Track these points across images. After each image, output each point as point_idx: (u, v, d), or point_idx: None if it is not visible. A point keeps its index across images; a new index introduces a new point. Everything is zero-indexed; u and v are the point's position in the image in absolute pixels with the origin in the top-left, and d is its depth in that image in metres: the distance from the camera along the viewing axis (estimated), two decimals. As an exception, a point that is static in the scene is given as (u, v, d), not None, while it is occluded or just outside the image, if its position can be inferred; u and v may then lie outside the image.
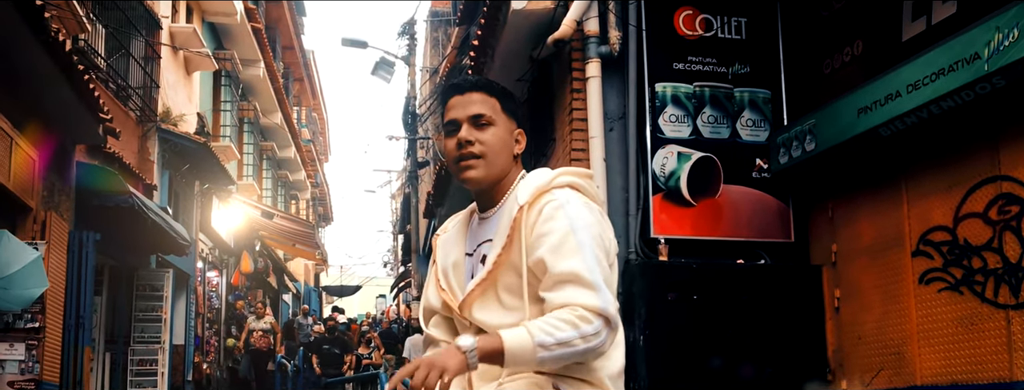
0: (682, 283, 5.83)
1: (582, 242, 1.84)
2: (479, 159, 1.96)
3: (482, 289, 1.95)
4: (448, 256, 2.10)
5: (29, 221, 8.16)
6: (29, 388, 8.31)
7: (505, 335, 1.78)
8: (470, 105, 1.97)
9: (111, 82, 11.28)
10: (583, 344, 1.77)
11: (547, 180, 1.95)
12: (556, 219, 1.87)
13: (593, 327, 1.77)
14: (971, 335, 4.77)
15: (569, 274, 1.81)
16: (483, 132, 1.96)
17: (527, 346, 1.76)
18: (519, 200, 1.93)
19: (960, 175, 4.89)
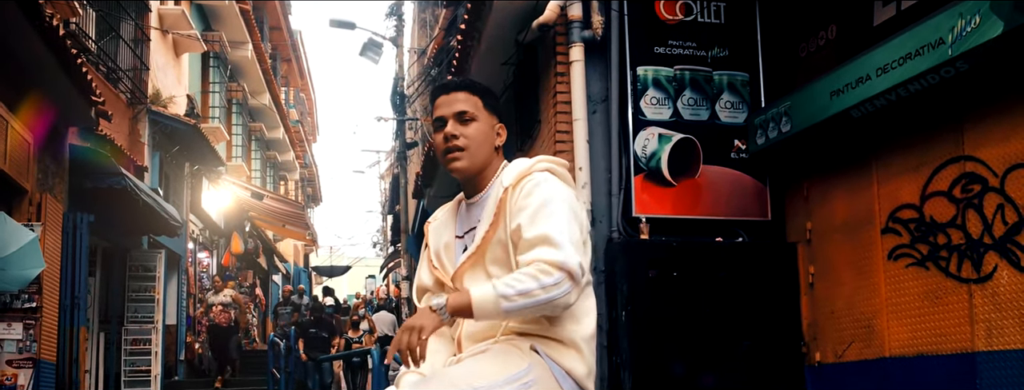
0: (663, 260, 6.04)
1: (554, 211, 2.07)
2: (463, 151, 2.20)
3: (471, 262, 2.17)
4: (440, 239, 2.33)
5: (25, 203, 8.31)
6: (27, 366, 8.49)
7: (472, 290, 2.01)
8: (455, 103, 2.22)
9: (102, 65, 11.39)
10: (544, 294, 1.97)
11: (528, 165, 2.20)
12: (533, 194, 2.10)
13: (553, 278, 1.98)
14: (936, 308, 5.00)
15: (539, 237, 2.03)
16: (467, 127, 2.21)
17: (489, 297, 1.98)
18: (503, 183, 2.17)
19: (927, 155, 5.10)
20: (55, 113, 8.85)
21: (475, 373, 2.02)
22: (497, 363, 2.06)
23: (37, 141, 8.43)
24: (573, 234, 2.06)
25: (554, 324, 2.11)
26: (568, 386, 2.11)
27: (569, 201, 2.13)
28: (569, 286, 1.99)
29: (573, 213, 2.11)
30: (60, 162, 9.40)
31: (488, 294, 1.99)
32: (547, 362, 2.11)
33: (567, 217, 2.07)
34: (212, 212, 17.76)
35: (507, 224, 2.11)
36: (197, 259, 17.57)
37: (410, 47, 21.53)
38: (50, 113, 8.74)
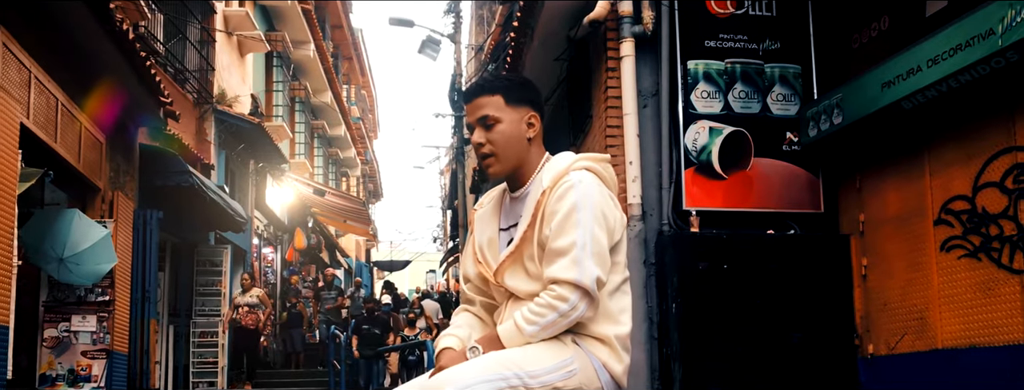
0: (713, 253, 6.09)
1: (581, 220, 2.14)
2: (492, 157, 2.27)
3: (511, 261, 2.27)
4: (483, 232, 2.40)
5: (98, 200, 8.66)
6: (101, 357, 8.85)
7: (499, 329, 2.20)
8: (477, 110, 2.28)
9: (169, 66, 11.77)
10: (563, 319, 2.14)
11: (566, 165, 2.24)
12: (566, 198, 2.16)
13: (568, 304, 2.12)
14: (988, 300, 4.97)
15: (561, 249, 2.13)
16: (491, 132, 2.26)
17: (515, 334, 2.17)
18: (543, 184, 2.23)
19: (978, 146, 5.08)
20: (126, 113, 9.20)
21: (527, 358, 2.14)
22: (545, 351, 2.18)
23: (109, 141, 8.78)
24: (596, 243, 2.14)
25: (592, 322, 2.21)
26: (605, 378, 2.22)
27: (599, 204, 2.18)
28: (585, 306, 2.13)
29: (601, 217, 2.17)
30: (131, 161, 9.75)
31: (514, 332, 2.17)
32: (587, 355, 2.22)
33: (592, 225, 2.14)
34: (276, 208, 18.19)
35: (542, 226, 2.20)
36: (262, 254, 18.02)
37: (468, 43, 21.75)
38: (121, 113, 9.09)
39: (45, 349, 8.73)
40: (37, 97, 6.92)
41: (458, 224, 20.70)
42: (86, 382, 8.76)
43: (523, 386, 2.09)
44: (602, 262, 2.16)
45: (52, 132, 7.24)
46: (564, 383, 2.14)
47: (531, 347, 2.18)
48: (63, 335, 8.76)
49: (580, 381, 2.17)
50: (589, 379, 2.18)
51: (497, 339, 2.18)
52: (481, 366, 2.11)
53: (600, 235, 2.16)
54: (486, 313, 2.41)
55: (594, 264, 2.13)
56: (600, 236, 2.16)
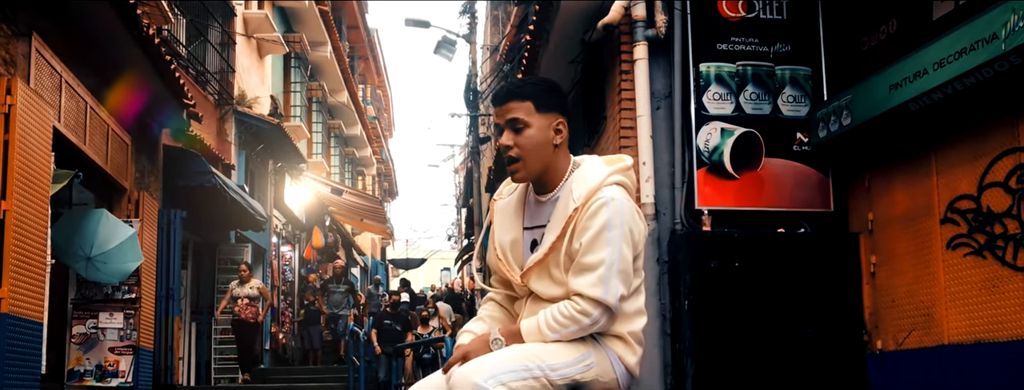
0: (724, 251, 6.24)
1: (611, 239, 2.26)
2: (519, 161, 2.35)
3: (538, 268, 2.38)
4: (506, 230, 2.49)
5: (124, 201, 8.89)
6: (127, 353, 9.08)
7: (522, 326, 2.34)
8: (507, 112, 2.37)
9: (191, 68, 12.00)
10: (584, 332, 2.31)
11: (599, 181, 2.31)
12: (598, 216, 2.27)
13: (591, 319, 2.27)
14: (993, 297, 5.11)
15: (590, 265, 2.27)
16: (520, 136, 2.34)
17: (536, 335, 2.32)
18: (575, 200, 2.30)
19: (983, 147, 5.21)
20: (150, 115, 9.42)
21: (549, 352, 2.30)
22: (566, 347, 2.34)
23: (134, 142, 9.00)
24: (623, 261, 2.28)
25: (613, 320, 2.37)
26: (619, 370, 2.39)
27: (627, 222, 2.29)
28: (605, 320, 2.29)
29: (628, 234, 2.29)
30: (155, 162, 9.98)
31: (535, 333, 2.32)
32: (604, 349, 2.38)
33: (620, 243, 2.27)
34: (294, 207, 18.42)
35: (572, 239, 2.30)
36: (280, 252, 18.26)
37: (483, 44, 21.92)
38: (146, 116, 9.32)
39: (74, 345, 8.97)
40: (67, 101, 7.14)
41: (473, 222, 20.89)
42: (113, 377, 8.99)
43: (545, 377, 2.26)
44: (626, 280, 2.30)
45: (81, 135, 7.46)
46: (582, 375, 2.31)
47: (552, 343, 2.34)
48: (91, 332, 8.99)
49: (597, 374, 2.33)
50: (605, 371, 2.35)
51: (519, 333, 2.33)
52: (506, 358, 2.27)
53: (627, 253, 2.29)
54: (510, 304, 2.57)
55: (619, 282, 2.27)
56: (627, 254, 2.29)
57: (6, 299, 5.77)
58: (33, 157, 6.13)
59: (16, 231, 5.87)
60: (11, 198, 5.79)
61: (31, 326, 6.22)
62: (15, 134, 5.80)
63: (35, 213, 6.23)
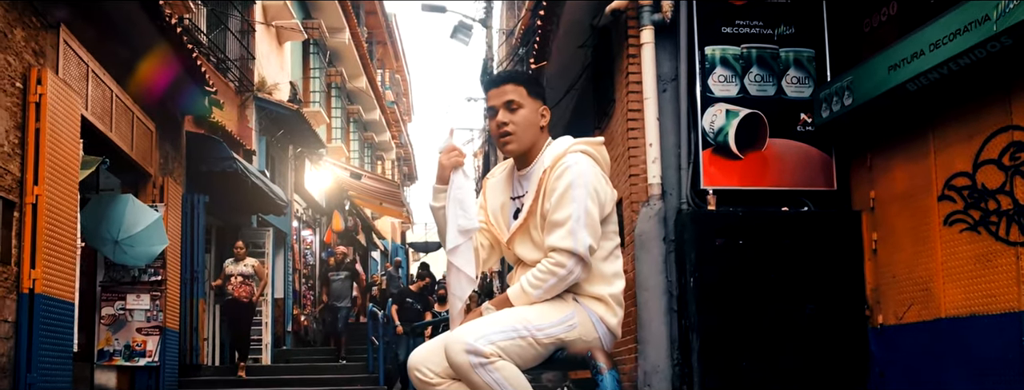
0: (729, 230, 6.42)
1: (575, 196, 2.54)
2: (512, 135, 2.67)
3: (520, 232, 2.70)
4: (496, 198, 2.82)
5: (149, 186, 9.17)
6: (155, 334, 9.39)
7: (509, 292, 2.61)
8: (503, 94, 2.68)
9: (212, 56, 12.25)
10: (562, 282, 2.55)
11: (564, 148, 2.65)
12: (563, 177, 2.57)
13: (565, 269, 2.52)
14: (987, 271, 5.27)
15: (558, 221, 2.55)
16: (514, 114, 2.67)
17: (521, 296, 2.58)
18: (544, 165, 2.63)
19: (978, 125, 5.36)
20: (174, 103, 9.69)
21: (534, 314, 2.55)
22: (550, 309, 2.59)
23: (158, 129, 9.27)
24: (589, 216, 2.54)
25: (590, 283, 2.62)
26: (602, 330, 2.63)
27: (591, 182, 2.58)
28: (579, 269, 2.54)
29: (594, 193, 2.57)
30: (178, 148, 10.26)
31: (520, 295, 2.59)
32: (586, 311, 2.61)
33: (585, 200, 2.54)
34: (314, 192, 18.71)
35: (544, 200, 2.61)
36: (301, 236, 18.57)
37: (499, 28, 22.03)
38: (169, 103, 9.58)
39: (103, 326, 9.30)
40: (94, 89, 7.40)
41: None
42: (141, 357, 9.31)
43: (531, 336, 2.50)
44: (594, 232, 2.55)
45: (108, 122, 7.72)
46: (566, 334, 2.55)
47: (538, 305, 2.58)
48: (119, 313, 9.31)
49: (579, 333, 2.57)
50: (587, 331, 2.58)
51: (507, 299, 2.60)
52: (495, 320, 2.52)
53: (592, 209, 2.55)
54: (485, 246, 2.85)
55: (587, 234, 2.52)
56: (592, 209, 2.55)
57: (40, 280, 6.05)
58: (63, 144, 6.39)
59: (48, 216, 6.13)
60: (43, 184, 6.05)
61: (63, 306, 6.51)
62: (45, 122, 6.05)
63: (65, 198, 6.50)
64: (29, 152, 6.02)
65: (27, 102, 6.01)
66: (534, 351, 2.51)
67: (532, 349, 2.50)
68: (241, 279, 11.54)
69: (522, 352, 2.48)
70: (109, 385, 9.14)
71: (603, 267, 2.61)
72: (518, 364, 2.47)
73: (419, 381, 2.62)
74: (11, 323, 5.88)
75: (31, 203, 6.01)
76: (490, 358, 2.40)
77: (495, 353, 2.42)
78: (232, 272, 11.56)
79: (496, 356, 2.41)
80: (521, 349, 2.47)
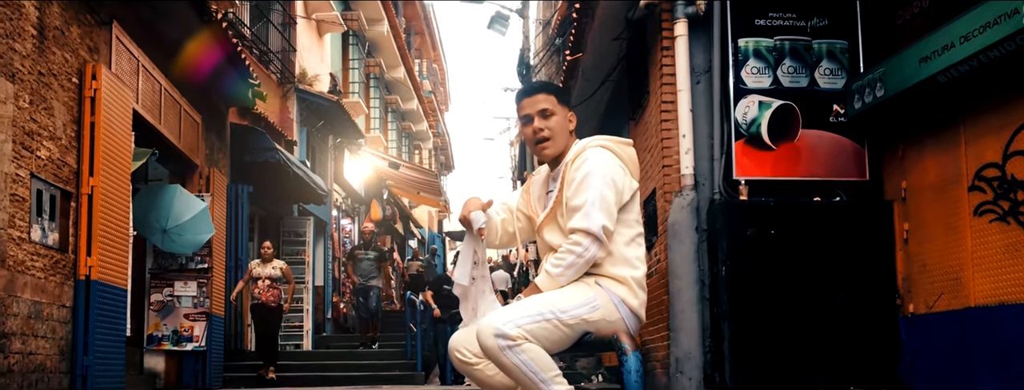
0: (761, 219, 6.53)
1: (591, 184, 2.77)
2: (549, 140, 2.92)
3: (548, 220, 2.93)
4: (536, 191, 3.08)
5: (196, 176, 9.45)
6: (201, 320, 9.69)
7: (537, 281, 2.82)
8: (537, 103, 2.93)
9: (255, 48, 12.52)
10: (581, 260, 2.76)
11: (585, 144, 2.90)
12: (581, 168, 2.81)
13: (582, 247, 2.74)
14: (1016, 260, 5.34)
15: (576, 206, 2.77)
16: (548, 120, 2.91)
17: (547, 280, 2.79)
18: (567, 160, 2.89)
19: (1008, 117, 5.42)
20: (218, 96, 9.96)
21: (559, 298, 2.74)
22: (574, 292, 2.78)
23: (204, 121, 9.55)
24: (604, 201, 2.75)
25: (612, 266, 2.81)
26: (624, 311, 2.81)
27: (608, 172, 2.80)
28: (595, 248, 2.75)
29: (610, 181, 2.79)
30: (223, 139, 10.54)
31: (546, 279, 2.81)
32: (608, 293, 2.79)
33: (601, 186, 2.77)
34: (353, 181, 19.01)
35: (566, 189, 2.85)
36: (340, 225, 18.89)
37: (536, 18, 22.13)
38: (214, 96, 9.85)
39: (152, 312, 9.62)
40: (144, 83, 7.67)
41: (528, 195, 21.21)
42: (189, 342, 9.62)
43: (556, 319, 2.70)
44: (609, 215, 2.76)
45: (157, 115, 8.00)
46: (589, 315, 2.74)
47: (563, 290, 2.79)
48: (167, 299, 9.62)
49: (602, 314, 2.76)
50: (610, 312, 2.77)
51: (535, 286, 2.82)
52: (522, 306, 2.72)
53: (608, 194, 2.76)
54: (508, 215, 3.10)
55: (602, 216, 2.74)
56: (608, 195, 2.76)
57: (95, 267, 6.33)
58: (116, 137, 6.66)
59: (102, 205, 6.41)
60: (98, 175, 6.32)
61: (117, 292, 6.79)
62: (100, 116, 6.32)
63: (119, 189, 6.77)
64: (85, 145, 6.29)
65: (82, 97, 6.28)
66: (560, 333, 2.69)
67: (558, 331, 2.69)
68: (269, 282, 11.03)
69: (549, 334, 2.67)
70: (158, 369, 9.46)
71: (625, 251, 2.81)
72: (547, 347, 2.65)
73: (459, 361, 2.82)
74: (69, 308, 6.16)
75: (87, 194, 6.28)
76: (517, 341, 2.59)
77: (521, 336, 2.60)
78: (260, 274, 11.03)
79: (523, 339, 2.60)
80: (548, 332, 2.66)
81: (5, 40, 5.29)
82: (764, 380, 6.30)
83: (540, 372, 2.59)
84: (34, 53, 5.66)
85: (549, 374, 2.61)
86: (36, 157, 5.68)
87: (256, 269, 11.05)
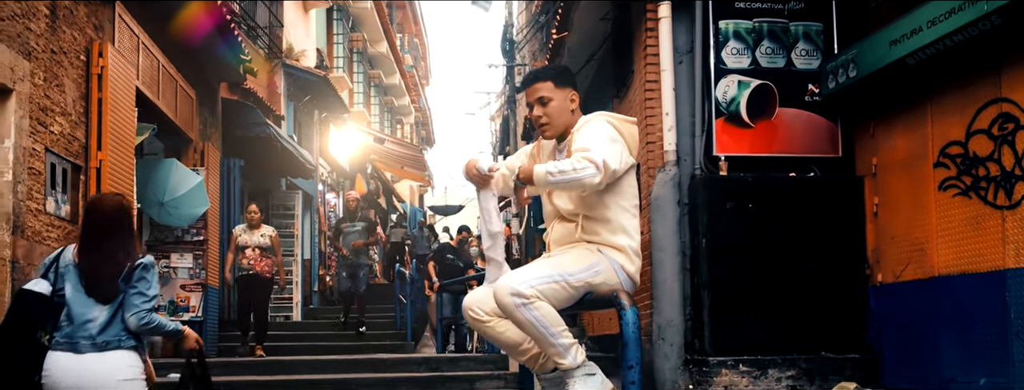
0: (740, 194, 6.88)
1: (596, 134, 3.08)
2: (548, 124, 3.25)
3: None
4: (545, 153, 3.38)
5: (191, 151, 9.68)
6: (197, 290, 9.95)
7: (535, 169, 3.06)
8: (535, 92, 3.25)
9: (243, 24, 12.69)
10: (575, 174, 2.97)
11: (590, 118, 3.21)
12: (584, 129, 3.14)
13: (582, 166, 2.96)
14: (975, 232, 5.72)
15: (581, 147, 3.04)
16: (546, 107, 3.23)
17: (541, 172, 3.02)
18: (574, 130, 3.19)
19: (971, 97, 5.78)
20: (210, 71, 10.16)
21: (566, 263, 3.07)
22: (578, 257, 3.10)
23: (198, 97, 9.76)
24: (604, 144, 3.03)
25: (612, 235, 3.12)
26: (622, 275, 3.14)
27: (607, 131, 3.11)
28: (594, 171, 2.97)
29: (610, 137, 3.08)
30: (215, 114, 10.75)
31: (540, 170, 3.04)
32: (609, 259, 3.11)
33: (601, 136, 3.06)
34: (338, 156, 19.23)
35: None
36: (326, 199, 19.12)
37: (518, -6, 22.32)
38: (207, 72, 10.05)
39: (149, 282, 9.83)
40: (144, 60, 7.88)
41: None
42: (185, 312, 9.89)
43: (564, 281, 3.02)
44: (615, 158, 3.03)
45: (156, 91, 8.22)
46: (592, 278, 3.07)
47: (568, 256, 3.10)
48: (164, 271, 9.86)
49: (604, 278, 3.09)
50: (610, 276, 3.10)
51: (531, 173, 3.05)
52: (535, 268, 3.04)
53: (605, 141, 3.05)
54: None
55: (610, 153, 3.01)
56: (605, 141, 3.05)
57: (104, 238, 6.57)
58: (121, 113, 6.90)
59: (110, 178, 6.66)
60: (105, 149, 6.57)
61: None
62: (107, 92, 6.55)
63: (123, 163, 7.02)
64: (93, 120, 6.53)
65: (90, 74, 6.50)
66: (566, 293, 3.03)
67: (565, 292, 3.02)
68: (258, 251, 9.83)
69: (556, 294, 3.00)
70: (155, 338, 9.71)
71: (624, 221, 3.13)
72: (555, 305, 2.99)
73: (472, 319, 3.15)
74: (79, 277, 6.42)
75: (95, 167, 6.53)
76: (530, 299, 2.92)
77: (535, 295, 2.93)
78: (247, 243, 9.83)
79: (535, 297, 2.93)
80: (555, 292, 2.99)
81: (22, 20, 5.51)
82: (741, 346, 6.68)
83: (550, 327, 2.93)
84: (47, 32, 5.88)
85: (557, 329, 2.95)
86: (50, 132, 5.92)
87: (242, 236, 9.85)
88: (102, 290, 3.70)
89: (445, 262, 11.99)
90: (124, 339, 3.72)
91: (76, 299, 3.69)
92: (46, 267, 3.82)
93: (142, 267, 3.79)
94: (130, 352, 3.75)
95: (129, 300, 3.72)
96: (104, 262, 3.72)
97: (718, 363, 6.57)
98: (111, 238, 3.78)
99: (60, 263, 3.79)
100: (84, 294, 3.70)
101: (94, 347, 3.65)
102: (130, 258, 3.78)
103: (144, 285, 3.76)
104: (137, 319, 3.71)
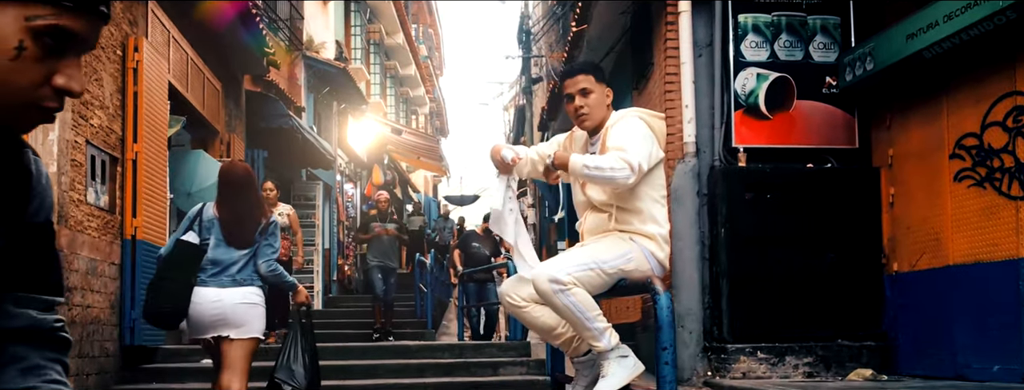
0: (758, 185, 7.03)
1: (629, 133, 3.25)
2: (587, 114, 3.41)
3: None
4: (576, 146, 3.55)
5: (217, 142, 9.87)
6: (222, 279, 10.11)
7: (572, 158, 3.23)
8: (577, 83, 3.41)
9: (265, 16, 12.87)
10: (611, 172, 3.14)
11: (623, 113, 3.40)
12: (618, 126, 3.31)
13: (619, 165, 3.14)
14: (990, 222, 5.86)
15: (616, 146, 3.22)
16: (587, 98, 3.40)
17: (578, 163, 3.19)
18: (608, 125, 3.37)
19: (986, 90, 5.90)
20: (235, 64, 10.35)
21: (599, 251, 3.23)
22: (611, 246, 3.26)
23: (224, 89, 9.95)
24: (639, 145, 3.20)
25: (643, 224, 3.28)
26: (653, 262, 3.30)
27: (641, 130, 3.29)
28: (628, 173, 3.15)
29: (643, 136, 3.27)
30: (239, 106, 10.95)
31: (578, 161, 3.21)
32: (640, 247, 3.28)
33: (636, 136, 3.25)
34: (356, 147, 19.43)
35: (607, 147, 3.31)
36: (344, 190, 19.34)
37: (534, -15, 22.41)
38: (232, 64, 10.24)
39: (177, 271, 10.04)
40: (174, 54, 8.07)
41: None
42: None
43: (599, 269, 3.19)
44: (645, 157, 3.22)
45: (185, 84, 8.41)
46: (625, 266, 3.24)
47: (602, 245, 3.26)
48: (191, 259, 10.03)
49: (636, 265, 3.26)
50: (641, 263, 3.27)
51: (567, 160, 3.23)
52: (572, 257, 3.21)
53: (639, 141, 3.23)
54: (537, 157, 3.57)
55: (640, 155, 3.19)
56: (639, 141, 3.23)
57: (140, 228, 6.79)
58: (155, 106, 7.09)
59: (145, 170, 6.86)
60: (141, 141, 6.77)
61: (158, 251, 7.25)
62: (143, 86, 6.74)
63: (157, 154, 7.22)
64: (129, 113, 6.72)
65: (126, 68, 6.69)
66: (601, 280, 3.20)
67: (599, 278, 3.19)
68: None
69: (591, 281, 3.17)
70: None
71: (654, 211, 3.30)
72: (590, 291, 3.16)
73: (509, 305, 3.32)
74: (117, 265, 6.64)
75: (131, 159, 6.73)
76: (567, 286, 3.09)
77: (571, 282, 3.10)
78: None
79: (572, 284, 3.10)
80: (590, 278, 3.16)
81: (64, 17, 5.68)
82: (759, 333, 6.84)
83: (586, 311, 3.10)
84: (86, 28, 6.06)
85: (593, 313, 3.13)
86: (90, 125, 6.12)
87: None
88: (242, 239, 4.47)
89: (470, 250, 11.73)
90: (255, 279, 4.53)
91: (219, 246, 4.47)
92: (191, 220, 4.62)
93: (274, 225, 4.59)
94: (258, 288, 4.56)
95: (262, 250, 4.51)
96: (245, 217, 4.49)
97: (736, 350, 6.73)
98: (244, 197, 4.56)
99: (203, 218, 4.59)
100: (225, 243, 4.47)
101: (234, 283, 4.45)
102: (264, 215, 4.58)
103: (273, 239, 4.56)
104: (267, 266, 4.51)
